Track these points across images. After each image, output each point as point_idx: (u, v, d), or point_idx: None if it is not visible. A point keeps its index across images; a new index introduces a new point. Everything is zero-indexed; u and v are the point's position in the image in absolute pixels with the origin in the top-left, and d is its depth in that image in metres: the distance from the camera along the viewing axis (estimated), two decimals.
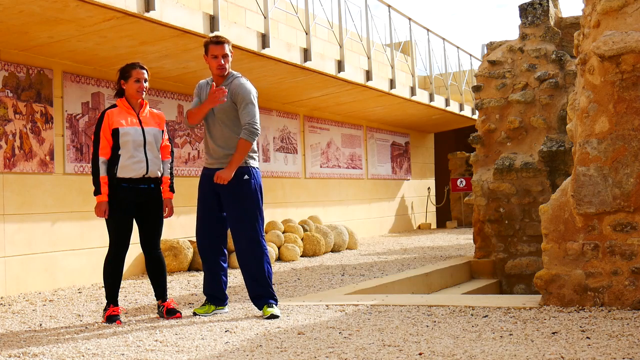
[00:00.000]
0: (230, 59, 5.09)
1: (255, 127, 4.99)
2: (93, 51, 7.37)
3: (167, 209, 5.15)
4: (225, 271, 5.25)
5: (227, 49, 5.07)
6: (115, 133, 4.93)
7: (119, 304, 5.13)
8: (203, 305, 5.20)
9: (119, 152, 4.95)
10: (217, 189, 5.06)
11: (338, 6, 10.65)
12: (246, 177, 5.02)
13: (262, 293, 5.05)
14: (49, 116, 7.36)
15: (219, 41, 5.06)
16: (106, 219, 4.99)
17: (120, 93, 5.08)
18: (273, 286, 5.17)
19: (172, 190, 5.20)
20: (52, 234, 7.33)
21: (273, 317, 4.89)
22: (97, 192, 4.94)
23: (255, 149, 5.15)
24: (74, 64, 7.69)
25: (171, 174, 5.23)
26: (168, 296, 5.23)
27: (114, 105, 5.06)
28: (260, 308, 5.05)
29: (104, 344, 4.20)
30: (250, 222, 5.04)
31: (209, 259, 5.19)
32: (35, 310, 5.78)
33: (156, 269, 5.17)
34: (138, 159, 4.97)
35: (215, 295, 5.20)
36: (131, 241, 5.16)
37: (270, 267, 5.13)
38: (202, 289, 6.71)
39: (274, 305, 5.01)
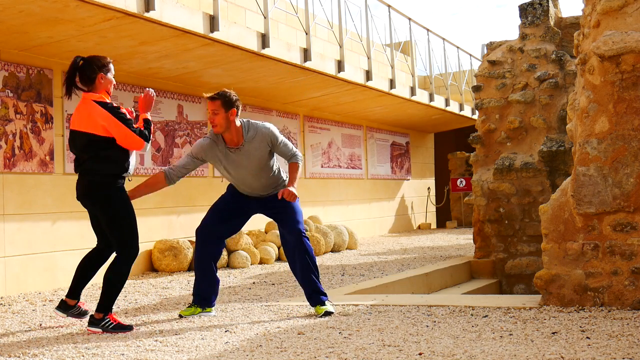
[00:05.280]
0: (224, 116, 4.92)
1: (299, 154, 5.23)
2: (93, 51, 7.35)
3: None
4: (216, 276, 5.19)
5: (219, 105, 4.92)
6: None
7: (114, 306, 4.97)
8: (189, 307, 5.14)
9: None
10: (259, 210, 5.23)
11: (338, 6, 10.64)
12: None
13: (318, 286, 5.10)
14: (49, 116, 7.36)
15: (209, 97, 5.00)
16: (124, 216, 4.71)
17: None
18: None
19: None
20: (52, 234, 7.33)
21: (327, 314, 4.95)
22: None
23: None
24: None
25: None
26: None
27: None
28: (313, 305, 5.07)
29: (103, 344, 4.20)
30: (300, 221, 5.18)
31: (206, 261, 5.13)
32: (35, 310, 5.78)
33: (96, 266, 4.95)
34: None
35: (204, 297, 5.14)
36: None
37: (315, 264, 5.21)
38: None
39: (325, 302, 5.06)
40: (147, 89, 4.92)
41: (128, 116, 4.69)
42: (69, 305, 4.88)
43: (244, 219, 5.30)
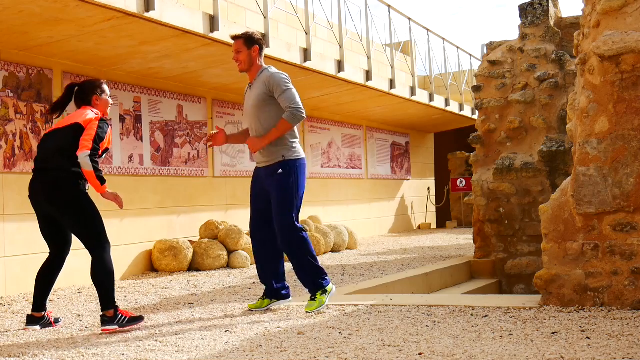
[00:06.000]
0: (247, 53, 5.14)
1: (298, 109, 5.03)
2: (93, 51, 7.37)
3: None
4: (278, 264, 5.26)
5: (241, 44, 5.16)
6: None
7: (117, 304, 4.82)
8: (259, 299, 5.32)
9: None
10: (264, 187, 5.16)
11: (338, 6, 10.64)
12: (280, 171, 5.06)
13: (307, 280, 5.11)
14: (49, 116, 7.36)
15: (233, 37, 5.24)
16: (91, 215, 4.67)
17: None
18: (320, 272, 5.14)
19: None
20: None
21: (310, 312, 4.96)
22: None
23: (296, 134, 5.21)
24: (74, 64, 7.69)
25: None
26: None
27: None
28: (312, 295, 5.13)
29: (103, 343, 4.20)
30: (283, 211, 5.03)
31: (259, 254, 5.26)
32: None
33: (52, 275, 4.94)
34: None
35: (269, 287, 5.27)
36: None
37: (309, 257, 5.09)
38: (202, 289, 6.74)
39: (317, 295, 5.05)
40: (120, 203, 4.79)
41: (105, 137, 4.69)
42: (37, 318, 4.85)
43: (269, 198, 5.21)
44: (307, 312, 5.00)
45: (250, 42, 5.16)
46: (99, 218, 4.72)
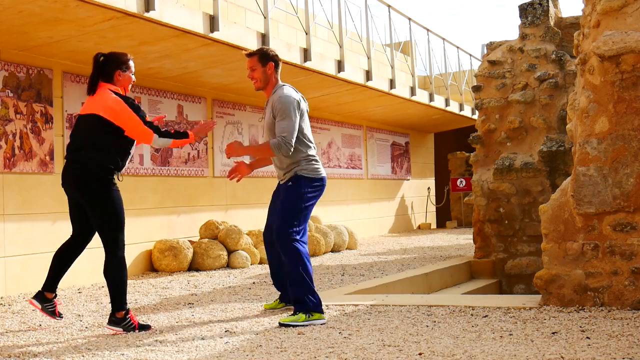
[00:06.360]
0: (262, 70, 5.00)
1: (287, 143, 4.79)
2: (93, 51, 7.30)
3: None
4: None
5: (256, 61, 5.01)
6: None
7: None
8: (275, 300, 5.32)
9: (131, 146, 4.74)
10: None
11: (338, 6, 10.64)
12: (290, 183, 4.96)
13: (293, 294, 4.80)
14: (49, 116, 7.36)
15: (247, 54, 5.09)
16: (115, 213, 4.57)
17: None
18: (309, 289, 4.77)
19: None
20: (52, 234, 7.32)
21: (282, 325, 4.61)
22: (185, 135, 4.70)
23: (311, 157, 4.98)
24: (74, 64, 7.69)
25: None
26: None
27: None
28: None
29: (103, 344, 4.20)
30: (284, 219, 4.88)
31: (273, 264, 5.26)
32: (35, 310, 5.77)
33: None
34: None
35: (284, 293, 5.21)
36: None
37: (300, 269, 4.75)
38: (202, 289, 6.74)
39: (299, 313, 4.66)
40: (212, 120, 4.78)
41: (140, 108, 4.67)
42: (46, 298, 4.82)
43: None
44: (279, 323, 4.62)
45: (265, 59, 4.98)
46: (122, 218, 4.63)
